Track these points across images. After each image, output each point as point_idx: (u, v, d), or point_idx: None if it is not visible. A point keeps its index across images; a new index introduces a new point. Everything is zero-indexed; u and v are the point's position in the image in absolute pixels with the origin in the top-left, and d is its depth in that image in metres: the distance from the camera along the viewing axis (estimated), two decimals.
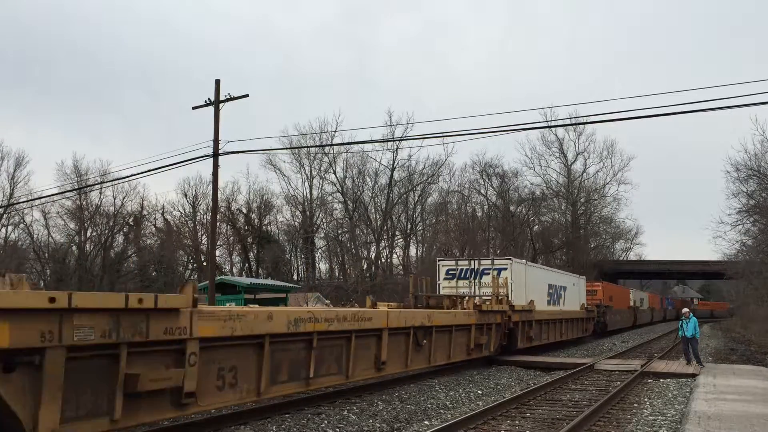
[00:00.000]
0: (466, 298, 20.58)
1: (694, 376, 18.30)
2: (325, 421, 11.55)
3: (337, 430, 11.09)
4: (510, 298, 22.59)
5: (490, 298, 21.45)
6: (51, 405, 6.68)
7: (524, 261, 27.63)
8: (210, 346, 8.86)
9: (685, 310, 22.49)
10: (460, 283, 24.17)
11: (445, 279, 24.70)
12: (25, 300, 6.42)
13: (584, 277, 38.59)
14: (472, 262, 24.91)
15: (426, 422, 11.91)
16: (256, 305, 14.28)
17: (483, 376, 18.75)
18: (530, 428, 11.49)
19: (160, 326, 7.89)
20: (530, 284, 25.78)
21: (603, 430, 11.53)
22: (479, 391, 16.09)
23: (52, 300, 6.58)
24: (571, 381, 17.90)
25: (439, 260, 26.90)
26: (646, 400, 14.72)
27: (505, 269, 23.95)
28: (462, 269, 24.62)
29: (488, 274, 23.77)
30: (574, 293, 33.36)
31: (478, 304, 19.95)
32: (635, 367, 20.06)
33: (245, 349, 9.66)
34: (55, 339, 6.67)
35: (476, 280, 23.97)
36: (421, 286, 21.23)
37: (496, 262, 24.62)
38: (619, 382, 17.04)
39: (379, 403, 13.58)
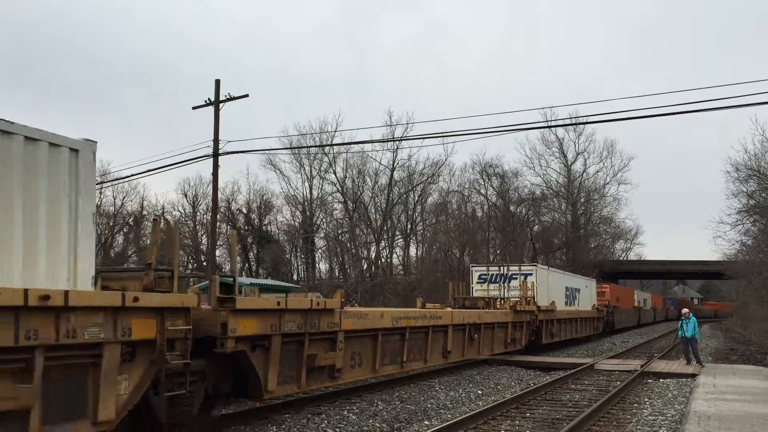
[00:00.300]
0: (499, 299, 23.72)
1: (694, 376, 18.31)
2: (325, 421, 11.55)
3: (337, 430, 11.09)
4: (536, 300, 25.73)
5: (518, 299, 24.14)
6: (273, 372, 10.39)
7: (546, 267, 31.15)
8: (348, 337, 12.39)
9: (685, 310, 22.49)
10: (491, 286, 27.24)
11: (477, 283, 27.89)
12: (265, 303, 10.31)
13: (595, 279, 41.51)
14: (502, 267, 28.07)
15: (426, 422, 11.92)
16: None
17: (483, 376, 18.76)
18: (530, 428, 11.49)
19: (325, 321, 11.57)
20: (551, 287, 28.98)
21: (603, 430, 11.53)
22: (479, 391, 16.10)
23: (278, 303, 10.45)
24: (571, 381, 17.91)
25: (472, 266, 30.03)
26: (646, 400, 14.72)
27: (531, 274, 27.33)
28: (492, 274, 27.91)
29: (516, 278, 26.80)
30: (587, 295, 36.57)
31: (512, 305, 23.16)
32: (635, 367, 20.07)
33: (366, 339, 13.40)
34: (276, 329, 10.36)
35: (505, 284, 26.86)
36: (457, 289, 23.26)
37: (523, 268, 27.92)
38: (619, 382, 17.04)
39: (379, 403, 13.59)
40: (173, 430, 9.02)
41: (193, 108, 28.58)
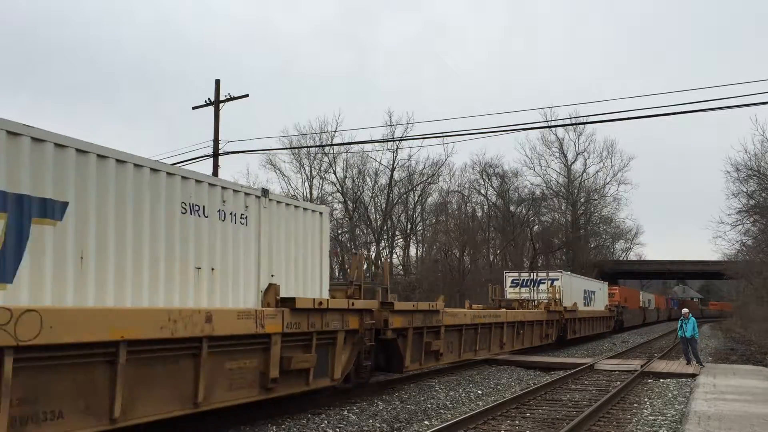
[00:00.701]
0: (530, 301, 28.68)
1: (694, 376, 18.31)
2: (325, 422, 11.55)
3: (337, 430, 11.09)
4: (561, 302, 30.29)
5: (546, 301, 29.17)
6: (408, 354, 15.11)
7: (569, 273, 35.72)
8: (446, 330, 16.99)
9: (685, 310, 22.51)
10: (522, 290, 31.81)
11: (510, 287, 32.75)
12: (405, 305, 15.03)
13: (606, 282, 45.94)
14: (532, 273, 33.24)
15: (426, 422, 11.92)
16: None
17: (483, 376, 18.75)
18: (530, 428, 11.49)
19: (434, 319, 16.30)
20: (573, 290, 33.73)
21: (603, 430, 11.53)
22: (479, 391, 16.10)
23: (413, 305, 15.31)
24: (571, 381, 17.91)
25: (506, 272, 35.06)
26: (646, 400, 14.72)
27: (557, 279, 32.26)
28: (524, 279, 32.87)
29: (544, 283, 31.47)
30: (600, 296, 41.62)
31: (546, 306, 28.18)
32: (635, 367, 20.07)
33: (454, 332, 18.03)
34: (411, 324, 14.99)
35: (535, 288, 31.24)
36: (494, 292, 27.82)
37: (550, 274, 33.08)
38: (619, 382, 17.04)
39: (379, 403, 13.59)
40: (357, 387, 14.16)
41: (193, 108, 28.58)
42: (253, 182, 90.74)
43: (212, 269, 10.77)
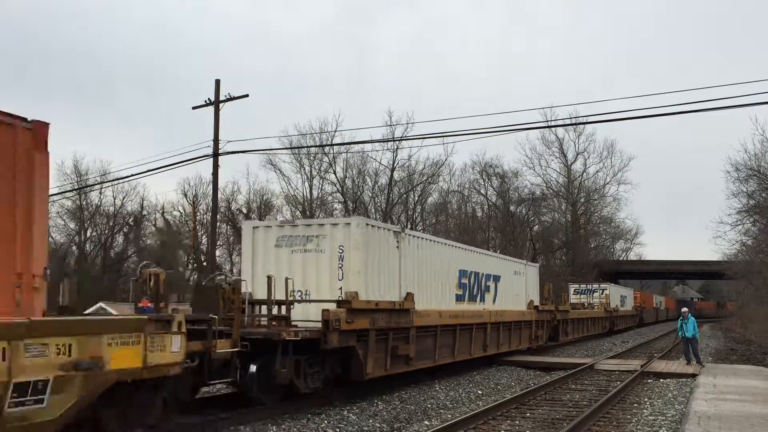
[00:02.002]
0: (587, 304, 41.02)
1: (694, 376, 18.30)
2: (325, 422, 11.54)
3: (337, 430, 11.08)
4: (610, 304, 42.49)
5: (599, 303, 42.60)
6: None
7: (614, 284, 47.16)
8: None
9: (684, 309, 22.49)
10: (581, 296, 44.15)
11: (573, 294, 43.73)
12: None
13: (632, 289, 59.45)
14: (588, 285, 46.59)
15: (426, 422, 11.92)
16: None
17: (483, 376, 18.74)
18: (530, 428, 11.49)
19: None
20: (614, 296, 44.30)
21: (603, 430, 11.53)
22: (479, 391, 16.10)
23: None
24: (571, 381, 17.90)
25: (570, 284, 46.55)
26: (646, 400, 14.72)
27: (606, 289, 45.00)
28: (582, 288, 45.55)
29: (596, 291, 45.11)
30: (629, 299, 53.68)
31: (604, 307, 41.69)
32: (635, 367, 20.05)
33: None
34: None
35: (589, 295, 43.67)
36: (564, 297, 34.82)
37: (601, 285, 46.25)
38: (619, 382, 17.03)
39: (379, 403, 13.57)
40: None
41: (193, 108, 28.56)
42: (253, 182, 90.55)
43: (516, 295, 23.97)
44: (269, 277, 12.41)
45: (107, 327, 7.88)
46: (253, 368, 11.68)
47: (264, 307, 12.87)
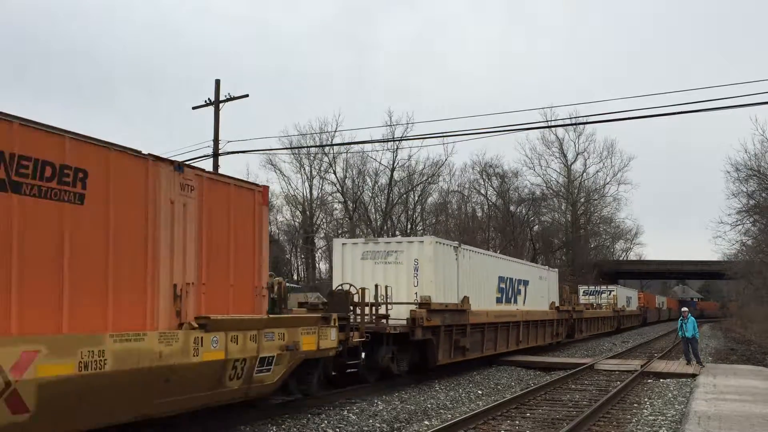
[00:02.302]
0: (596, 305, 43.74)
1: (694, 376, 18.29)
2: (325, 422, 11.54)
3: (337, 430, 11.08)
4: (617, 304, 46.16)
5: (606, 304, 45.84)
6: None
7: (621, 285, 52.03)
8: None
9: (685, 309, 22.50)
10: (590, 297, 47.43)
11: (582, 295, 46.88)
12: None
13: (637, 290, 63.74)
14: (596, 286, 51.37)
15: (426, 422, 11.91)
16: None
17: (483, 376, 18.74)
18: (530, 428, 11.49)
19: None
20: (621, 297, 49.16)
21: (603, 430, 11.53)
22: (479, 391, 16.09)
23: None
24: (571, 381, 17.90)
25: (579, 286, 49.12)
26: (646, 400, 14.71)
27: (614, 290, 49.62)
28: (591, 290, 49.85)
29: (604, 293, 49.16)
30: (634, 300, 57.41)
31: (613, 307, 45.43)
32: (635, 367, 20.05)
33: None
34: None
35: (597, 296, 47.98)
36: (573, 298, 36.11)
37: (609, 287, 51.27)
38: (619, 382, 17.03)
39: (379, 403, 13.57)
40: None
41: (193, 108, 28.57)
42: (253, 182, 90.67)
43: (541, 297, 27.13)
44: (376, 286, 15.78)
45: (301, 322, 11.46)
46: (362, 355, 14.59)
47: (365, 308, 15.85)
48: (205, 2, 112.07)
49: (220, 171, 27.61)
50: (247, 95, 28.04)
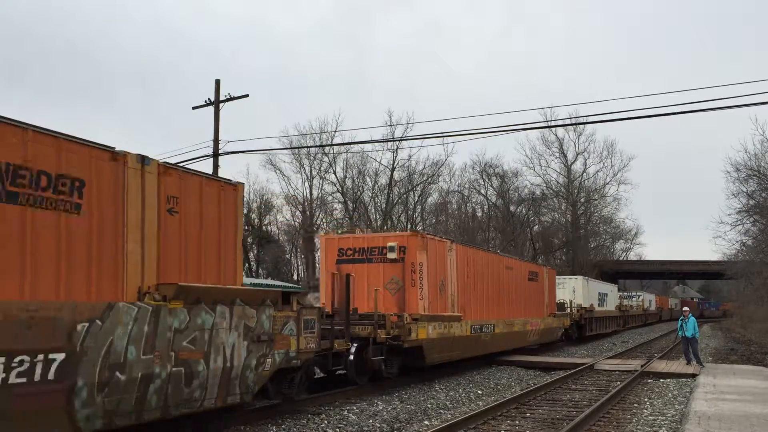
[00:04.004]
0: (632, 306, 57.51)
1: (694, 376, 18.29)
2: (325, 422, 11.54)
3: (337, 430, 11.08)
4: (644, 305, 59.50)
5: (638, 304, 59.40)
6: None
7: (645, 292, 61.28)
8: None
9: (686, 309, 22.48)
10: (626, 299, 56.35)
11: (625, 299, 55.76)
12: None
13: (655, 294, 77.67)
14: (633, 292, 59.39)
15: (426, 422, 11.91)
16: None
17: (483, 376, 18.74)
18: (530, 428, 11.48)
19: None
20: (646, 299, 61.42)
21: (603, 430, 11.52)
22: (479, 391, 16.09)
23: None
24: (571, 381, 17.89)
25: (620, 293, 57.39)
26: (646, 400, 14.71)
27: (642, 295, 58.59)
28: (630, 295, 59.08)
29: (635, 297, 58.81)
30: (654, 302, 69.17)
31: (644, 308, 61.77)
32: (635, 367, 20.05)
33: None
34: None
35: (632, 298, 57.91)
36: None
37: (639, 292, 61.05)
38: (619, 382, 17.03)
39: (379, 403, 13.57)
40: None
41: (193, 108, 28.53)
42: (253, 182, 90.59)
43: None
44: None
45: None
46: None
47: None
48: (206, 2, 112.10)
49: (220, 171, 27.63)
50: (247, 95, 28.02)
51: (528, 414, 12.82)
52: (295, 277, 64.91)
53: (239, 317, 9.98)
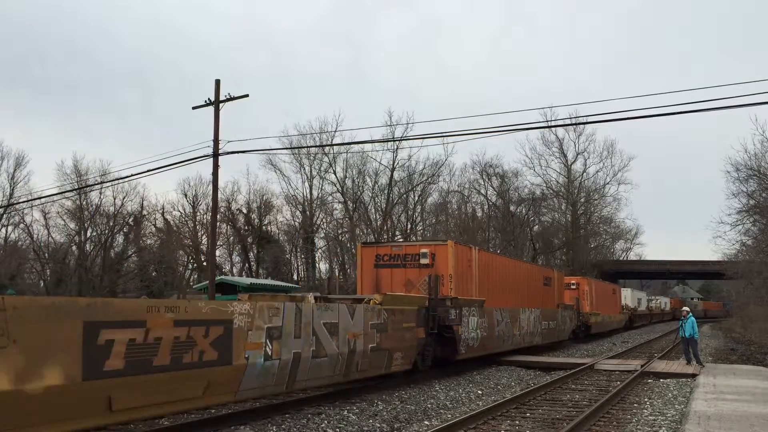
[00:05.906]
0: (657, 306, 76.06)
1: (694, 376, 18.30)
2: (325, 422, 11.54)
3: (337, 430, 11.08)
4: (660, 306, 75.70)
5: (657, 305, 77.39)
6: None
7: (662, 296, 71.12)
8: None
9: (685, 309, 22.47)
10: (647, 301, 67.10)
11: (647, 301, 66.39)
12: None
13: (669, 297, 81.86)
14: (654, 296, 78.07)
15: (426, 422, 11.91)
16: None
17: (483, 376, 18.74)
18: (530, 428, 11.48)
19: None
20: (661, 302, 78.08)
21: (603, 430, 11.52)
22: (479, 391, 16.09)
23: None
24: (571, 381, 17.90)
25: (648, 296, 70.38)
26: (646, 400, 14.71)
27: (661, 298, 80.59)
28: (649, 298, 70.92)
29: (655, 300, 75.75)
30: (668, 304, 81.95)
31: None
32: (635, 367, 20.05)
33: None
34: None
35: (651, 301, 69.44)
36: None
37: (660, 297, 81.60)
38: (619, 382, 17.03)
39: (379, 403, 13.58)
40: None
41: (193, 108, 28.54)
42: (253, 182, 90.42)
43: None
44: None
45: None
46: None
47: None
48: (206, 2, 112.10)
49: (220, 171, 27.64)
50: (247, 95, 28.02)
51: (528, 414, 12.83)
52: (295, 277, 64.93)
53: None
